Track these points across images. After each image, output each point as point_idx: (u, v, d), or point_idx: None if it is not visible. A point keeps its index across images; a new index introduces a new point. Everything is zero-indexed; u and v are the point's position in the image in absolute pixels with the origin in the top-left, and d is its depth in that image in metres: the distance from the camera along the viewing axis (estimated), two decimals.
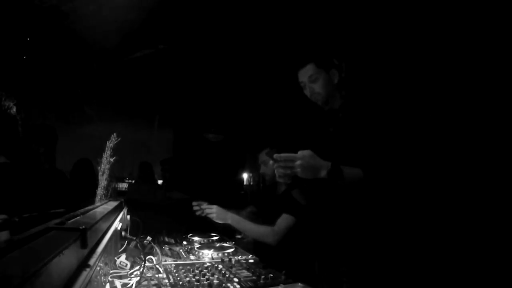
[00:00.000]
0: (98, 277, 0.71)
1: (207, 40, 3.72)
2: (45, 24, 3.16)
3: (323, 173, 1.07)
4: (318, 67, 1.29)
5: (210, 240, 1.72)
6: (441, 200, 1.92)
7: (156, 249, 1.29)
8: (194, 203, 1.77)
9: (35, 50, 3.54)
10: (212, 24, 3.37)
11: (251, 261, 1.33)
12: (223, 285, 0.98)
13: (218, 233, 1.85)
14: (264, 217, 1.70)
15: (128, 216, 1.56)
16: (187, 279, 1.02)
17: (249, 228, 1.66)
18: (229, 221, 1.66)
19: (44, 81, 3.98)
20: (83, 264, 0.59)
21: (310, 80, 1.30)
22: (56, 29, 3.26)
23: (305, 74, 1.31)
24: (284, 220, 1.60)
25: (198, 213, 1.75)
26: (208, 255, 1.41)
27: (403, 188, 1.21)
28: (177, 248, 1.51)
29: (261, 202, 2.01)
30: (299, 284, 1.00)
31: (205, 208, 1.70)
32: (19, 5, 2.91)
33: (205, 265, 1.19)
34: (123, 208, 1.57)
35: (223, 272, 1.11)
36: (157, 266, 1.15)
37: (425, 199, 1.96)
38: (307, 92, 1.33)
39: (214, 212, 1.66)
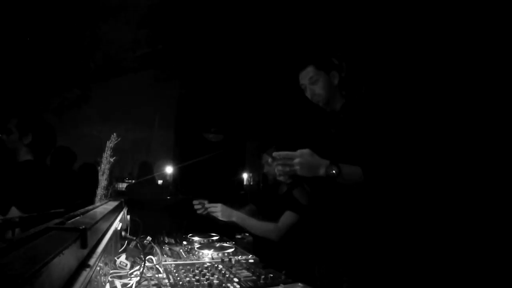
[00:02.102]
0: (98, 277, 0.71)
1: (207, 41, 3.72)
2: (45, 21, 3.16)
3: (321, 171, 1.07)
4: (318, 69, 1.29)
5: (210, 240, 1.72)
6: (442, 202, 1.92)
7: (156, 249, 1.29)
8: (195, 202, 1.77)
9: (34, 48, 3.53)
10: (213, 25, 3.38)
11: (251, 261, 1.33)
12: (223, 285, 0.98)
13: (218, 233, 1.85)
14: (264, 216, 1.71)
15: (128, 216, 1.55)
16: (187, 279, 1.02)
17: (253, 225, 1.68)
18: (234, 219, 1.67)
19: (43, 79, 3.97)
20: (83, 264, 0.59)
21: (310, 82, 1.30)
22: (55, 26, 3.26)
23: (305, 76, 1.31)
24: (287, 217, 1.62)
25: (199, 211, 1.75)
26: (208, 255, 1.40)
27: (404, 188, 1.21)
28: (177, 248, 1.51)
29: (261, 202, 2.02)
30: (299, 284, 1.00)
31: (209, 207, 1.71)
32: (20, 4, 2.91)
33: (205, 265, 1.19)
34: (123, 208, 1.57)
35: (223, 272, 1.11)
36: (157, 266, 1.15)
37: (426, 200, 1.95)
38: (308, 94, 1.33)
39: (219, 210, 1.68)
